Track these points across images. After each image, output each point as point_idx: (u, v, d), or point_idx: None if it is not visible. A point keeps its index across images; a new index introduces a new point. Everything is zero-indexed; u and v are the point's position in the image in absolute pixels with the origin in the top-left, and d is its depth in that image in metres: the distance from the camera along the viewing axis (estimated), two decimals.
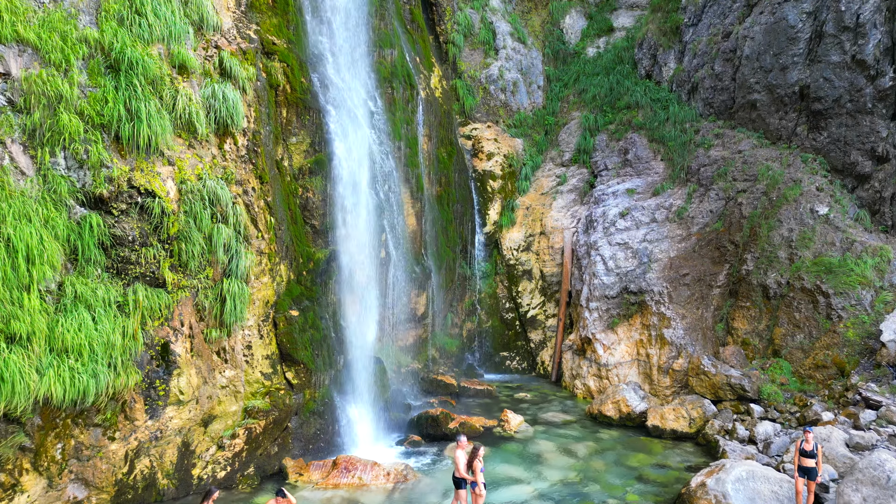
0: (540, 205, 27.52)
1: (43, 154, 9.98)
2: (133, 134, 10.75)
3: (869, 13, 17.18)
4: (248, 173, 13.49)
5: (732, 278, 20.00)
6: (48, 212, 9.83)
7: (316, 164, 15.84)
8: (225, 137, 13.07)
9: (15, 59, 9.85)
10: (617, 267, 21.89)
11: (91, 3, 10.99)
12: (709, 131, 23.39)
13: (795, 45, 19.27)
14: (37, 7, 10.31)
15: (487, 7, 31.06)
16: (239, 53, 13.72)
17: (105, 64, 10.80)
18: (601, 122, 27.46)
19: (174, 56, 11.99)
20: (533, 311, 26.00)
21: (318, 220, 15.97)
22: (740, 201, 20.59)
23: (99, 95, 10.59)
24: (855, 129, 18.26)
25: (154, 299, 11.31)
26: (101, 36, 10.78)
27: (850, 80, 17.96)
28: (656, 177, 24.13)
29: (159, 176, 11.40)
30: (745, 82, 21.37)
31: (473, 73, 29.54)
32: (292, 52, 15.67)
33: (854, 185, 18.85)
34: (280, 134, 15.35)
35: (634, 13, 33.81)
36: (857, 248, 17.63)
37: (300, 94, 15.57)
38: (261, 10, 15.47)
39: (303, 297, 15.01)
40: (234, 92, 13.06)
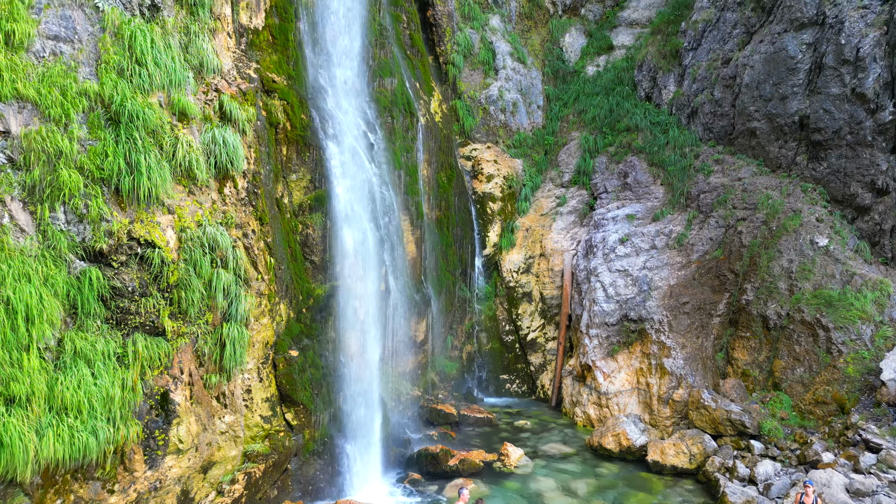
0: (540, 226, 27.52)
1: (43, 210, 9.98)
2: (133, 187, 10.75)
3: (869, 47, 17.19)
4: (248, 216, 13.48)
5: (732, 307, 20.00)
6: (47, 269, 9.82)
7: (316, 200, 15.83)
8: (225, 181, 13.07)
9: (15, 116, 9.85)
10: (617, 294, 21.88)
11: (91, 55, 11.00)
12: (709, 157, 23.40)
13: (795, 75, 19.29)
14: (36, 62, 10.31)
15: (487, 27, 31.09)
16: (239, 95, 13.72)
17: (105, 117, 10.80)
18: (601, 144, 27.47)
19: (174, 104, 11.99)
20: (533, 334, 25.98)
21: (317, 256, 15.97)
22: (740, 230, 20.59)
23: (99, 149, 10.59)
24: (855, 161, 18.27)
25: (153, 349, 11.29)
26: (100, 88, 10.78)
27: (850, 113, 17.96)
28: (656, 202, 24.13)
29: (159, 226, 11.39)
30: (744, 110, 21.38)
31: (473, 93, 29.57)
32: (292, 89, 15.68)
33: (854, 217, 18.85)
34: (280, 172, 15.35)
35: (634, 31, 33.86)
36: (857, 282, 17.62)
37: (300, 131, 15.58)
38: (261, 48, 15.48)
39: (302, 335, 15.00)
40: (234, 135, 13.06)
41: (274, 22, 15.90)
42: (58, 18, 10.66)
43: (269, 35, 15.77)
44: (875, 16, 17.28)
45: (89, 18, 11.09)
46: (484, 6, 31.72)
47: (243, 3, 15.14)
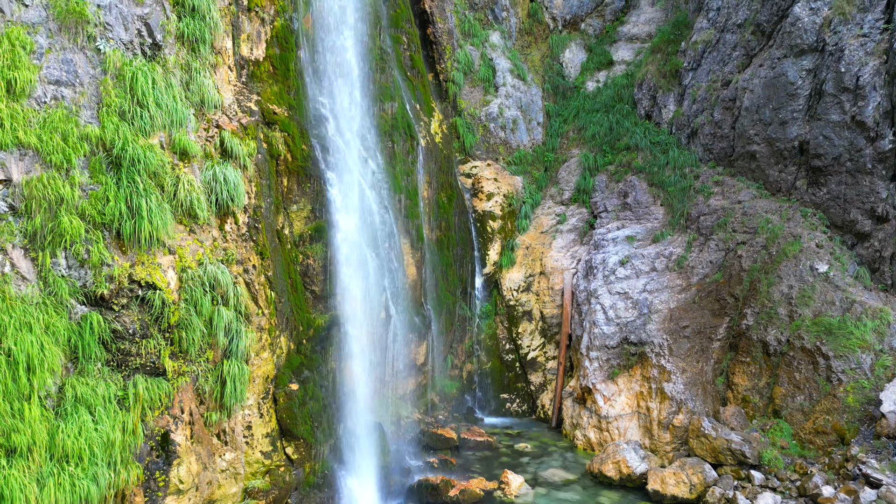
0: (540, 244, 27.54)
1: (44, 257, 10.00)
2: (134, 231, 10.77)
3: (868, 76, 17.23)
4: (249, 251, 13.51)
5: (732, 332, 20.02)
6: (49, 316, 9.84)
7: (316, 230, 15.86)
8: (226, 217, 13.10)
9: (16, 163, 9.87)
10: (617, 317, 21.90)
11: (92, 98, 11.03)
12: (708, 178, 23.43)
13: (795, 101, 19.32)
14: (38, 107, 10.34)
15: (487, 43, 31.15)
16: (240, 130, 13.76)
17: (107, 161, 10.82)
18: (601, 163, 27.51)
19: (176, 143, 12.03)
20: (533, 353, 25.99)
21: (318, 286, 15.99)
22: (740, 254, 20.61)
23: (100, 193, 10.62)
24: (854, 188, 18.31)
25: (154, 389, 11.31)
26: (102, 132, 10.82)
27: (850, 140, 18.00)
28: (656, 223, 24.16)
29: (160, 267, 11.41)
30: (744, 133, 21.42)
31: (473, 110, 29.61)
32: (293, 120, 15.72)
33: (854, 243, 18.88)
34: (281, 203, 15.37)
35: (634, 45, 33.92)
36: (857, 310, 17.64)
37: (301, 162, 15.61)
38: (261, 79, 15.52)
39: (303, 367, 15.02)
40: (235, 171, 13.09)
41: (274, 52, 15.94)
42: (59, 63, 10.70)
43: (269, 66, 15.82)
44: (875, 44, 17.34)
45: (91, 61, 11.12)
46: (484, 22, 31.78)
47: (244, 35, 15.18)
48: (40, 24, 10.62)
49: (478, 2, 31.52)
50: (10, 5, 10.35)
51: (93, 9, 11.06)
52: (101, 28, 11.21)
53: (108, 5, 11.38)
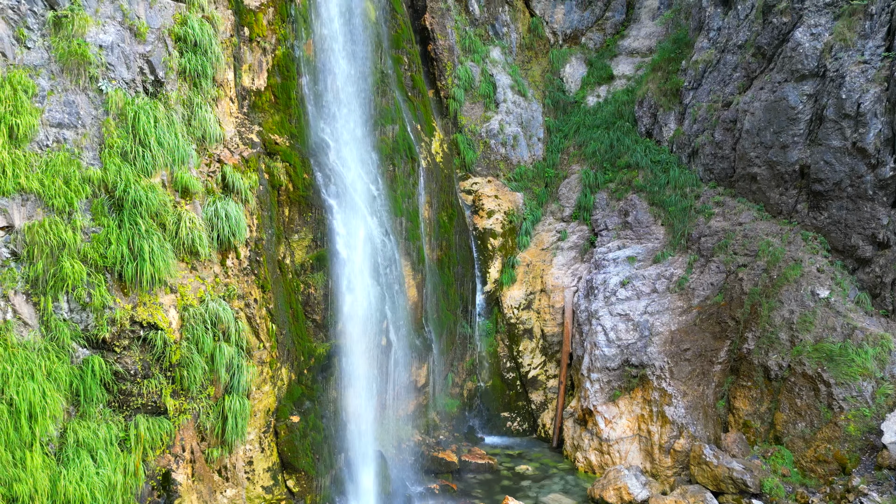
0: (540, 261, 27.53)
1: (46, 302, 10.01)
2: (136, 273, 10.78)
3: (869, 103, 17.24)
4: (251, 285, 13.51)
5: (733, 355, 20.00)
6: (50, 362, 9.84)
7: (317, 259, 15.87)
8: (227, 252, 13.10)
9: (18, 209, 9.88)
10: (618, 339, 21.90)
11: (94, 139, 11.04)
12: (709, 198, 23.44)
13: (796, 125, 19.33)
14: (40, 151, 10.35)
15: (488, 59, 31.17)
16: (241, 164, 13.77)
17: (109, 203, 10.84)
18: (601, 180, 27.52)
19: (177, 181, 12.04)
20: (534, 372, 25.97)
21: (319, 315, 15.99)
22: (741, 276, 20.61)
23: (102, 236, 10.63)
24: (856, 214, 18.31)
25: (155, 429, 11.31)
26: (104, 174, 10.83)
27: (851, 166, 18.01)
28: (657, 243, 24.16)
29: (161, 307, 11.42)
30: (745, 154, 21.43)
31: (474, 127, 29.62)
32: (294, 149, 15.73)
33: (855, 267, 18.87)
34: (282, 233, 15.38)
35: (634, 60, 33.94)
36: (858, 336, 17.63)
37: (302, 191, 15.62)
38: (263, 109, 15.54)
39: (304, 397, 15.01)
40: (237, 206, 13.10)
41: (276, 81, 15.96)
42: (61, 105, 10.71)
43: (271, 95, 15.83)
44: (875, 71, 17.35)
45: (93, 102, 11.14)
46: (485, 38, 31.80)
47: (246, 66, 15.21)
48: (42, 66, 10.64)
49: (478, 17, 31.55)
50: (12, 49, 10.37)
51: (94, 50, 11.07)
52: (102, 68, 11.23)
53: (111, 45, 11.40)
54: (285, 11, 16.31)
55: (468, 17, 31.34)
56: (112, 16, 11.61)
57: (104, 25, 11.40)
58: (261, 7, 15.55)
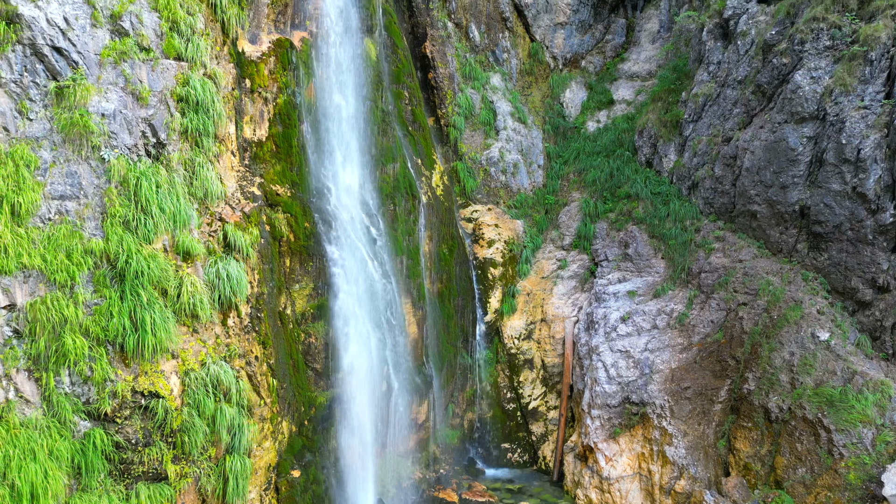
0: (541, 290, 27.54)
1: (48, 377, 10.02)
2: (137, 344, 10.79)
3: (869, 149, 17.27)
4: (252, 342, 13.52)
5: (734, 394, 20.01)
6: (52, 440, 9.85)
7: (318, 308, 15.88)
8: (229, 311, 13.12)
9: (20, 286, 9.90)
10: (619, 376, 21.90)
11: (97, 209, 11.06)
12: (709, 232, 23.46)
13: (796, 166, 19.37)
14: (42, 225, 10.38)
15: (488, 86, 31.21)
16: (243, 220, 13.79)
17: (111, 274, 10.86)
18: (601, 210, 27.55)
19: (179, 245, 12.06)
20: (534, 403, 25.97)
21: (319, 364, 16.00)
22: (741, 315, 20.62)
23: (104, 308, 10.64)
24: (856, 257, 18.33)
25: (157, 496, 11.32)
26: (106, 245, 10.85)
27: (851, 210, 18.04)
28: (657, 276, 24.18)
29: (163, 374, 11.43)
30: (745, 192, 21.47)
31: (474, 154, 29.63)
32: (295, 199, 15.76)
33: (855, 309, 18.89)
34: (283, 284, 15.39)
35: (634, 84, 33.99)
36: (858, 382, 17.64)
37: (303, 241, 15.64)
38: (264, 160, 15.57)
39: (304, 449, 15.01)
40: (238, 265, 13.12)
41: (277, 130, 16.00)
42: (63, 176, 10.74)
43: (272, 145, 15.87)
44: (875, 117, 17.39)
45: (95, 171, 11.17)
46: (485, 65, 31.85)
47: (247, 117, 15.24)
48: (44, 137, 10.68)
49: (479, 44, 31.61)
50: (14, 122, 10.41)
51: (97, 119, 11.11)
52: (105, 137, 11.26)
53: (113, 113, 11.44)
54: (286, 59, 16.35)
55: (468, 43, 31.39)
56: (114, 82, 11.64)
57: (106, 93, 11.43)
58: (262, 57, 15.60)
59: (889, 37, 17.30)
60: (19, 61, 10.38)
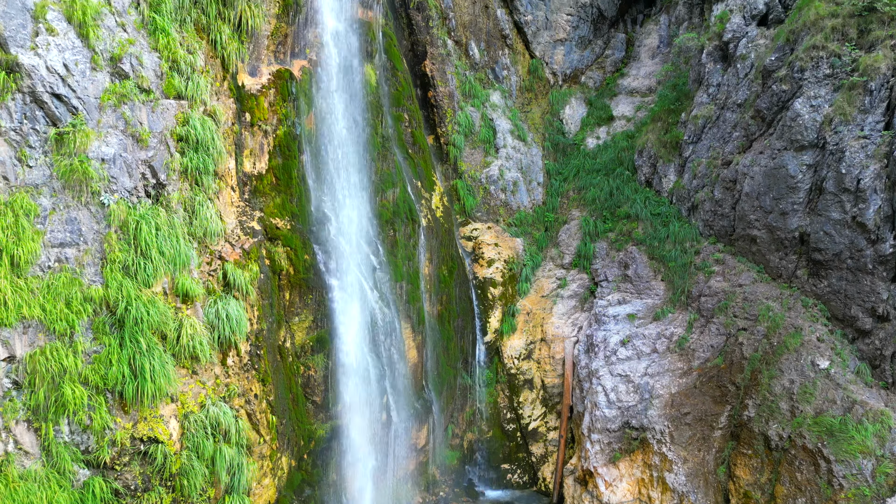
0: (540, 309, 27.52)
1: (47, 427, 10.01)
2: (137, 392, 10.78)
3: (869, 179, 17.29)
4: (251, 380, 13.51)
5: (734, 420, 19.99)
6: (52, 492, 9.83)
7: (318, 341, 15.87)
8: (228, 350, 13.11)
9: (20, 337, 9.89)
10: (619, 400, 21.89)
11: (97, 255, 11.06)
12: (709, 255, 23.45)
13: (795, 193, 19.38)
14: (42, 273, 10.37)
15: (488, 104, 31.22)
16: (243, 257, 13.79)
17: (110, 322, 10.85)
18: (601, 229, 27.54)
19: (179, 287, 12.06)
20: (534, 424, 25.94)
21: (319, 396, 15.99)
22: (741, 340, 20.62)
23: (103, 356, 10.63)
24: (855, 286, 18.32)
25: None
26: (105, 291, 10.84)
27: (851, 239, 18.04)
28: (657, 299, 24.17)
29: (162, 419, 11.42)
30: (744, 216, 21.47)
31: (474, 172, 29.64)
32: (295, 232, 15.75)
33: (854, 336, 18.88)
34: (283, 317, 15.38)
35: (634, 100, 34.01)
36: (858, 412, 17.63)
37: (303, 273, 15.63)
38: (264, 193, 15.57)
39: (304, 484, 15.00)
40: (238, 304, 13.11)
41: (277, 163, 15.99)
42: (63, 223, 10.74)
43: (272, 177, 15.87)
44: (875, 147, 17.40)
45: (94, 216, 11.17)
46: (485, 82, 31.86)
47: (247, 151, 15.25)
48: (44, 184, 10.68)
49: (478, 61, 31.62)
50: (14, 170, 10.41)
51: (96, 165, 11.11)
52: (104, 182, 11.26)
53: (113, 157, 11.44)
54: (286, 90, 16.36)
55: (468, 61, 31.40)
56: (114, 125, 11.65)
57: (106, 137, 11.43)
58: (262, 90, 15.60)
59: (889, 67, 17.32)
60: (19, 109, 10.39)
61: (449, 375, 24.29)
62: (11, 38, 10.26)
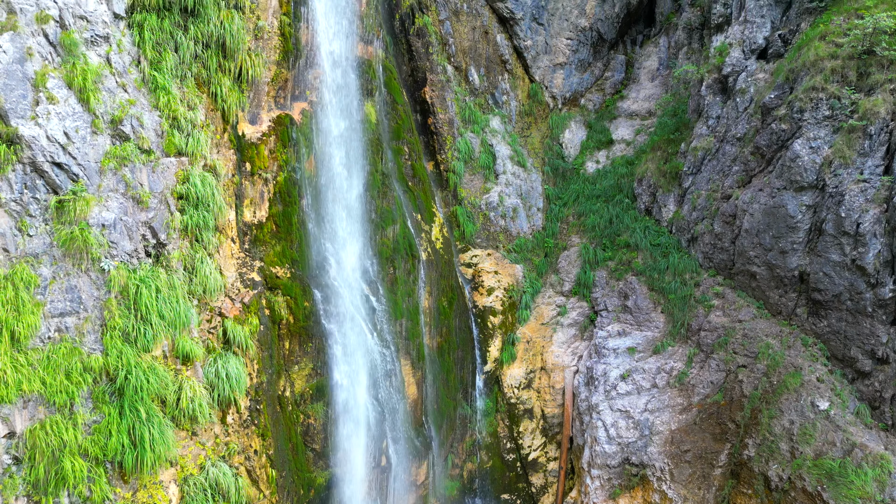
0: (540, 337, 27.50)
1: (47, 501, 9.99)
2: (136, 461, 10.76)
3: (869, 224, 17.30)
4: (251, 436, 13.49)
5: (734, 459, 19.98)
6: None
7: (317, 389, 15.86)
8: (228, 408, 13.10)
9: (19, 413, 9.88)
10: (618, 436, 21.87)
11: (97, 322, 11.05)
12: (709, 288, 23.46)
13: (795, 233, 19.39)
14: (42, 345, 10.36)
15: (487, 129, 31.24)
16: (242, 311, 13.78)
17: (110, 390, 10.84)
18: (601, 257, 27.54)
19: (178, 349, 12.05)
20: (534, 454, 25.92)
21: (318, 444, 15.97)
22: (741, 378, 20.61)
23: (103, 426, 10.62)
24: (855, 327, 18.33)
25: None
26: (105, 360, 10.84)
27: (850, 281, 18.05)
28: (656, 332, 24.17)
29: (161, 485, 11.40)
30: (744, 252, 21.48)
31: (473, 199, 29.65)
32: (295, 280, 15.74)
33: (854, 377, 18.88)
34: (282, 367, 15.37)
35: (634, 123, 34.05)
36: (858, 455, 17.62)
37: (302, 321, 15.62)
38: (264, 241, 15.57)
39: None
40: (237, 361, 13.11)
41: (277, 210, 16.00)
42: (63, 292, 10.73)
43: (272, 225, 15.87)
44: (875, 191, 17.42)
45: (95, 282, 11.16)
46: (484, 107, 31.89)
47: (247, 200, 15.25)
48: (44, 252, 10.67)
49: (478, 87, 31.66)
50: (14, 241, 10.40)
51: (97, 231, 11.11)
52: (104, 248, 11.25)
53: (113, 222, 11.44)
54: (287, 136, 16.37)
55: (468, 86, 31.42)
56: (115, 188, 11.65)
57: (107, 201, 11.44)
58: (262, 138, 15.62)
59: (888, 112, 17.34)
60: (19, 180, 10.39)
61: (449, 408, 24.27)
62: (12, 110, 10.27)
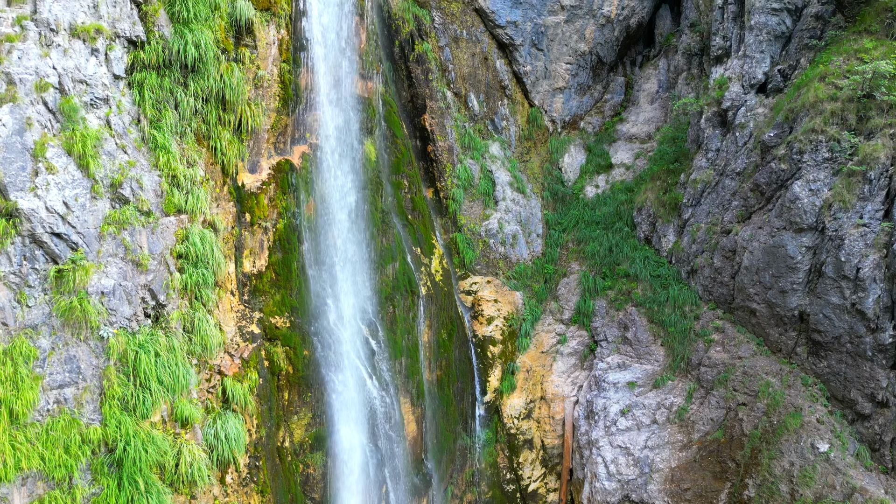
0: (540, 366, 27.47)
1: None
2: None
3: (869, 269, 17.31)
4: (250, 494, 13.46)
5: (734, 498, 19.94)
6: None
7: (316, 439, 15.83)
8: (227, 467, 13.06)
9: (18, 490, 9.84)
10: (618, 473, 21.85)
11: (95, 392, 11.02)
12: (709, 322, 23.44)
13: (795, 273, 19.39)
14: (40, 418, 10.33)
15: (487, 155, 31.23)
16: (242, 367, 13.75)
17: (109, 461, 10.80)
18: (601, 286, 27.52)
19: (177, 413, 12.02)
20: (534, 485, 25.88)
21: (318, 494, 15.93)
22: (741, 416, 20.59)
23: (101, 499, 10.59)
24: (855, 370, 18.32)
25: None
26: (104, 431, 10.81)
27: (850, 325, 18.05)
28: (656, 365, 24.15)
29: None
30: (744, 288, 21.47)
31: (473, 226, 29.64)
32: (295, 329, 15.72)
33: (854, 418, 18.86)
34: (281, 418, 15.33)
35: (633, 146, 34.06)
36: (858, 500, 17.59)
37: (301, 372, 15.60)
38: (264, 291, 15.54)
39: None
40: (237, 419, 13.07)
41: (277, 258, 15.97)
42: (62, 363, 10.70)
43: (272, 273, 15.84)
44: (875, 236, 17.43)
45: (94, 350, 11.13)
46: (484, 133, 31.89)
47: (247, 251, 15.23)
48: (43, 323, 10.65)
49: (478, 113, 31.67)
50: (13, 313, 10.38)
51: (96, 300, 11.08)
52: (104, 315, 11.23)
53: (112, 289, 11.41)
54: (286, 183, 16.36)
55: (467, 112, 31.43)
56: (114, 253, 11.63)
57: (106, 267, 11.41)
58: (262, 188, 15.61)
59: (888, 157, 17.35)
60: (18, 252, 10.37)
61: (448, 440, 24.23)
62: (11, 184, 10.26)
